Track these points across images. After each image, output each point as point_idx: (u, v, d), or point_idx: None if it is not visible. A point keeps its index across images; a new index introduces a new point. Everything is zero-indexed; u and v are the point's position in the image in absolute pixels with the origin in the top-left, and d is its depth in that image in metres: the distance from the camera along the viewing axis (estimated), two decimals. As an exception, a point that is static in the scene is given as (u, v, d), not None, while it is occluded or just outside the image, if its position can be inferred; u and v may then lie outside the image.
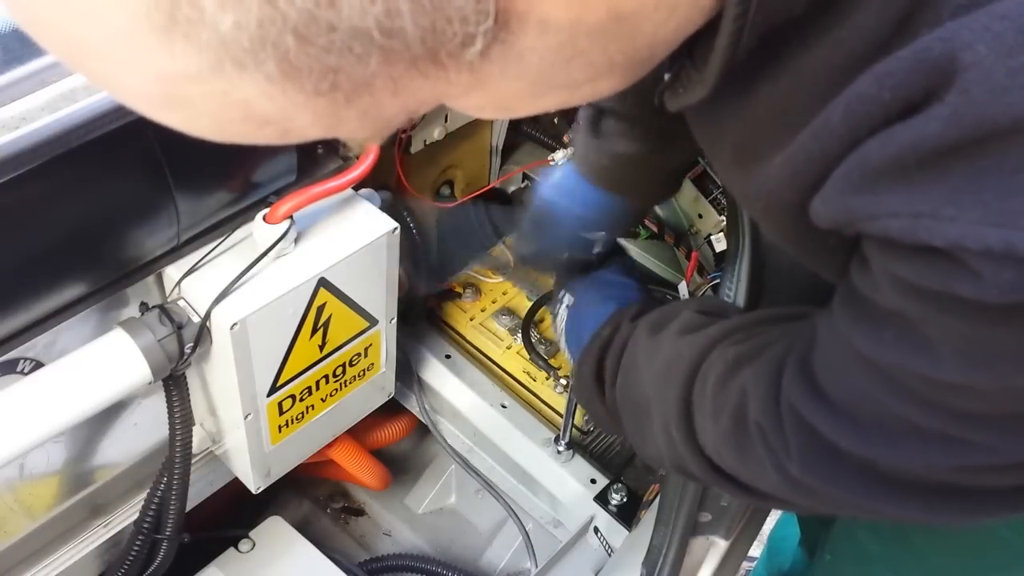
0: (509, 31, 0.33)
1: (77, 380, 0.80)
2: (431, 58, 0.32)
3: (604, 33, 0.35)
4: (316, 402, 1.02)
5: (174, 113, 0.34)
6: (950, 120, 0.35)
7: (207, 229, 0.88)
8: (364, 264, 0.94)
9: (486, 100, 0.37)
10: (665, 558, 0.88)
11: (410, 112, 0.36)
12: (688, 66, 0.43)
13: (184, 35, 0.29)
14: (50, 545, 0.99)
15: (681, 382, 0.66)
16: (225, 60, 0.30)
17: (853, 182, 0.40)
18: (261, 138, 0.35)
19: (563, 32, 0.34)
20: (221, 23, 0.28)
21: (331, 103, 0.33)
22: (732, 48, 0.39)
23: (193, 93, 0.32)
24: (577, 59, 0.36)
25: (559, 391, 1.14)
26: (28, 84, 0.69)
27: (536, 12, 0.32)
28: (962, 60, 0.34)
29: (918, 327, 0.43)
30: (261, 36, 0.29)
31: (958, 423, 0.45)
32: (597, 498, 1.07)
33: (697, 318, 0.71)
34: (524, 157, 1.36)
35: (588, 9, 0.34)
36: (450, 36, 0.31)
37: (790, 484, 0.56)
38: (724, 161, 0.54)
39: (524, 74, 0.35)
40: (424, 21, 0.30)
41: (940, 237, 0.37)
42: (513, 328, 1.20)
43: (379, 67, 0.31)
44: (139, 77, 0.32)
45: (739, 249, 0.81)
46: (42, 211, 0.73)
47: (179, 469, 0.95)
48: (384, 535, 1.38)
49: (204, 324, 0.84)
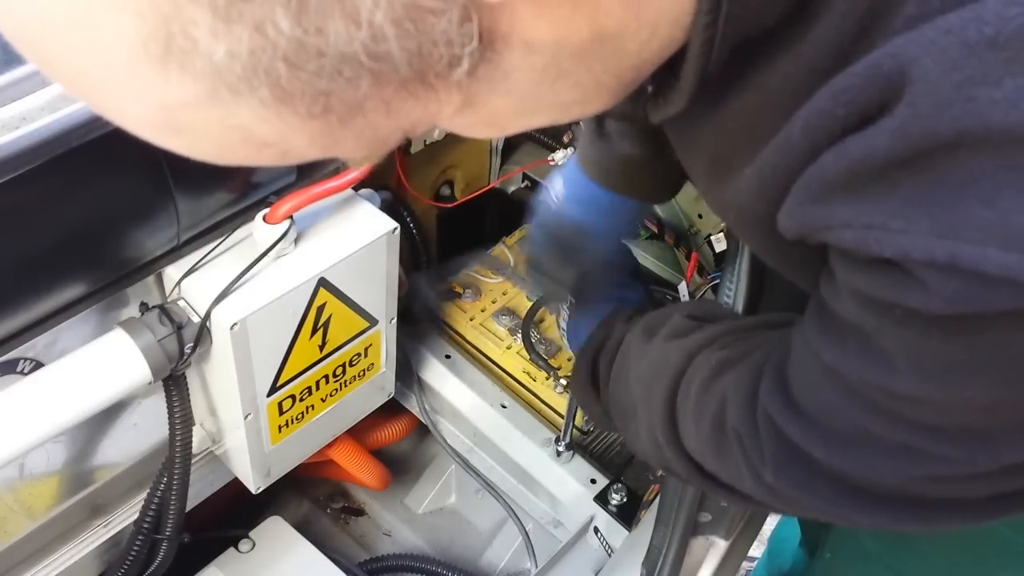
0: (495, 51, 0.34)
1: (77, 380, 0.80)
2: (420, 79, 0.33)
3: (588, 53, 0.36)
4: (316, 402, 1.02)
5: (177, 139, 0.35)
6: (898, 133, 0.35)
7: (207, 229, 0.88)
8: (364, 264, 0.94)
9: (476, 119, 0.38)
10: (665, 558, 0.88)
11: (404, 131, 0.37)
12: (669, 78, 0.44)
13: (180, 65, 0.30)
14: (50, 545, 0.99)
15: (667, 386, 0.67)
16: (220, 87, 0.31)
17: (811, 193, 0.40)
18: (261, 160, 0.36)
19: (547, 52, 0.35)
20: (214, 52, 0.29)
21: (326, 125, 0.33)
22: (703, 59, 0.40)
23: (194, 119, 0.33)
24: (563, 79, 0.37)
25: (559, 391, 1.14)
26: (28, 84, 0.69)
27: (519, 33, 0.33)
28: (910, 74, 0.34)
29: (875, 339, 0.44)
30: (253, 64, 0.30)
31: (917, 434, 0.46)
32: (597, 498, 1.07)
33: (686, 323, 0.72)
34: (524, 157, 1.36)
35: (571, 30, 0.35)
36: (436, 58, 0.32)
37: (765, 489, 0.57)
38: (700, 173, 0.54)
39: (512, 93, 0.36)
40: (410, 44, 0.31)
41: (890, 248, 0.37)
42: (513, 328, 1.20)
43: (370, 89, 0.32)
44: (141, 106, 0.33)
45: (739, 249, 0.81)
46: (42, 211, 0.73)
47: (179, 469, 0.95)
48: (384, 535, 1.38)
49: (204, 324, 0.84)
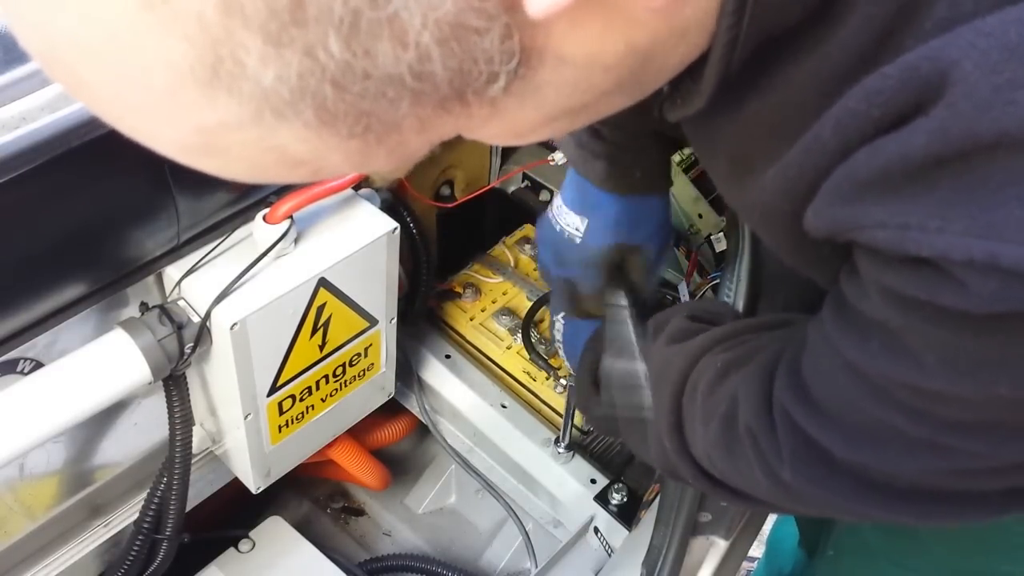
0: (529, 67, 0.34)
1: (77, 380, 0.80)
2: (458, 97, 0.33)
3: (619, 66, 0.37)
4: (316, 402, 1.02)
5: (210, 160, 0.35)
6: (936, 133, 0.35)
7: (207, 229, 0.88)
8: (364, 264, 0.94)
9: (501, 129, 0.39)
10: (665, 558, 0.88)
11: (432, 145, 0.38)
12: (686, 79, 0.44)
13: (227, 89, 0.30)
14: (50, 545, 0.99)
15: (671, 391, 0.66)
16: (265, 111, 0.31)
17: (842, 193, 0.40)
18: (294, 178, 0.37)
19: (579, 66, 0.35)
20: (263, 77, 0.29)
21: (363, 144, 0.34)
22: (726, 58, 0.40)
23: (231, 141, 0.33)
24: (591, 90, 0.38)
25: (559, 391, 1.14)
26: (28, 84, 0.69)
27: (553, 48, 0.34)
28: (950, 77, 0.34)
29: (902, 336, 0.44)
30: (301, 87, 0.30)
31: (944, 431, 0.46)
32: (597, 498, 1.07)
33: (687, 325, 0.71)
34: (524, 157, 1.36)
35: (604, 44, 0.35)
36: (476, 76, 0.33)
37: (780, 488, 0.57)
38: (720, 172, 0.54)
39: (540, 105, 0.37)
40: (453, 63, 0.31)
41: (927, 248, 0.37)
42: (513, 328, 1.20)
43: (409, 109, 0.33)
44: (176, 128, 0.33)
45: (739, 249, 0.81)
46: (42, 211, 0.73)
47: (179, 469, 0.95)
48: (384, 535, 1.38)
49: (204, 324, 0.84)
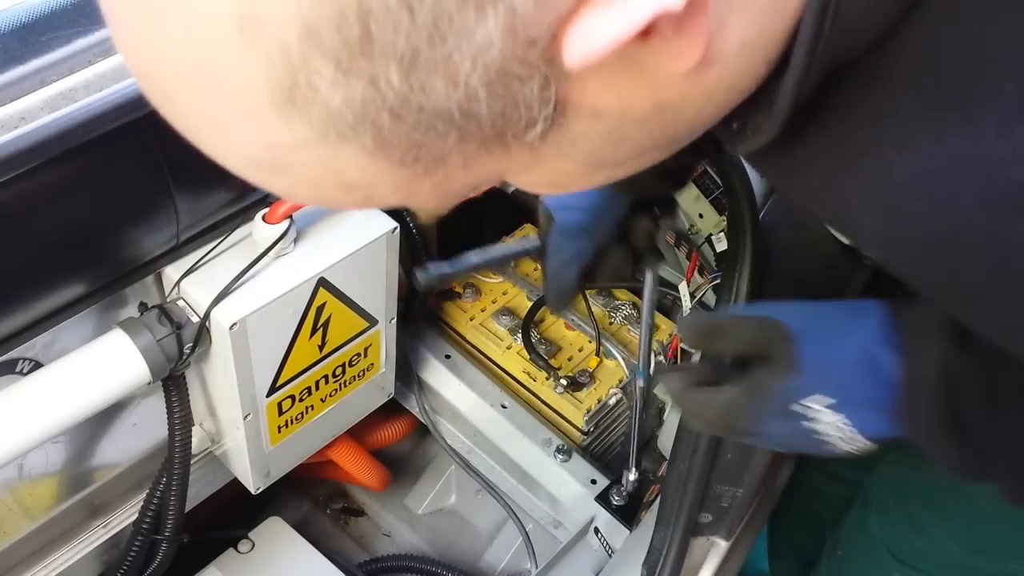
0: (565, 117, 0.37)
1: (76, 380, 0.80)
2: (499, 138, 0.36)
3: (648, 121, 0.39)
4: (316, 402, 1.02)
5: (276, 178, 0.39)
6: None
7: (207, 229, 0.87)
8: (364, 264, 0.94)
9: (541, 177, 0.42)
10: (665, 559, 0.88)
11: (474, 185, 0.40)
12: (754, 111, 0.45)
13: (300, 110, 0.33)
14: (49, 545, 0.99)
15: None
16: (331, 132, 0.34)
17: None
18: (348, 203, 0.40)
19: (612, 120, 0.38)
20: (332, 101, 0.33)
21: (412, 174, 0.37)
22: (800, 86, 0.41)
23: (297, 160, 0.36)
24: (625, 143, 0.40)
25: (559, 391, 1.13)
26: (28, 84, 0.69)
27: (588, 102, 0.37)
28: None
29: None
30: (363, 112, 0.33)
31: None
32: (598, 498, 1.06)
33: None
34: (524, 157, 1.36)
35: (634, 101, 0.38)
36: (516, 119, 0.35)
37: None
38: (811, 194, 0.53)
39: (577, 155, 0.40)
40: (496, 106, 0.34)
41: None
42: (513, 328, 1.20)
43: (455, 144, 0.36)
44: (250, 146, 0.36)
45: (739, 249, 0.81)
46: (42, 211, 0.73)
47: (178, 469, 0.95)
48: (384, 536, 1.38)
49: (203, 324, 0.84)
